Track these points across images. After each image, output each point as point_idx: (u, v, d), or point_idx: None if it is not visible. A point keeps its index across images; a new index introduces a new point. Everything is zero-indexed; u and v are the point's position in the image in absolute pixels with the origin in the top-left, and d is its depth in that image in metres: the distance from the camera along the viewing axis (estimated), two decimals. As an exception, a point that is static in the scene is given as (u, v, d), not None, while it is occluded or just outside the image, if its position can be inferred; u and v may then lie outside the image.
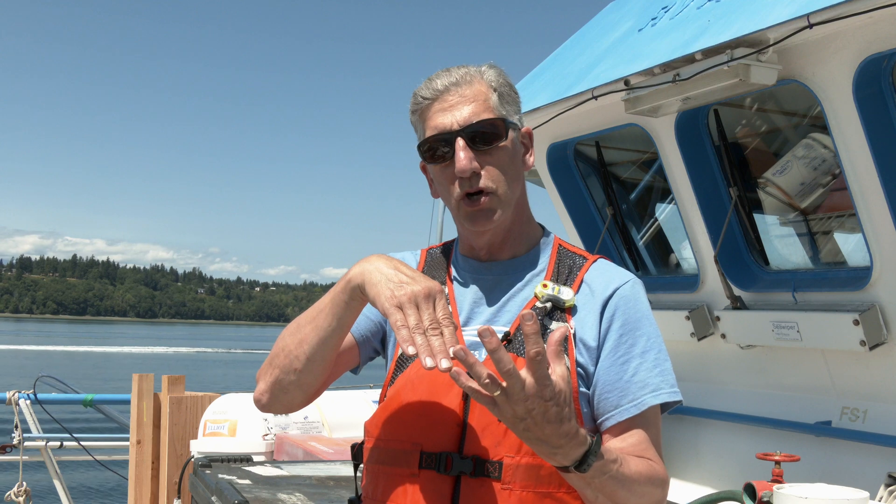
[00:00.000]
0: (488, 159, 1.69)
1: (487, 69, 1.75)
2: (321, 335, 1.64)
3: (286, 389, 1.72)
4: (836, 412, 3.85)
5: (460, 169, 1.66)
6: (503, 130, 1.71)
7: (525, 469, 1.57)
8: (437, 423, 1.62)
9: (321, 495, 3.25)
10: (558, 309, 1.68)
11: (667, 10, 4.34)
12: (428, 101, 1.71)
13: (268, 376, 1.73)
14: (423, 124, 1.74)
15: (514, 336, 1.65)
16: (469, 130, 1.67)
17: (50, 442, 6.69)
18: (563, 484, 1.59)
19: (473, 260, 1.80)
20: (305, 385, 1.71)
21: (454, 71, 1.73)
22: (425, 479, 1.61)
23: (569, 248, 1.81)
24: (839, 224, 4.16)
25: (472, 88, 1.70)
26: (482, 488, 1.58)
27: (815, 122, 3.96)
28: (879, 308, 3.55)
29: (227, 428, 4.67)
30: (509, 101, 1.75)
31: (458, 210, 1.73)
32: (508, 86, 1.77)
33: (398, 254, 1.92)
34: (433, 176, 1.78)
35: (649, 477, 1.61)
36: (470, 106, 1.69)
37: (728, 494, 2.67)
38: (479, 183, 1.68)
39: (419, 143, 1.75)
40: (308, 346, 1.66)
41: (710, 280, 4.34)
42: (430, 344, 1.41)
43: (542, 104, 4.65)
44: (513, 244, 1.78)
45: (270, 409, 1.78)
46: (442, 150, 1.70)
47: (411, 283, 1.49)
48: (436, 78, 1.73)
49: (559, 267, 1.76)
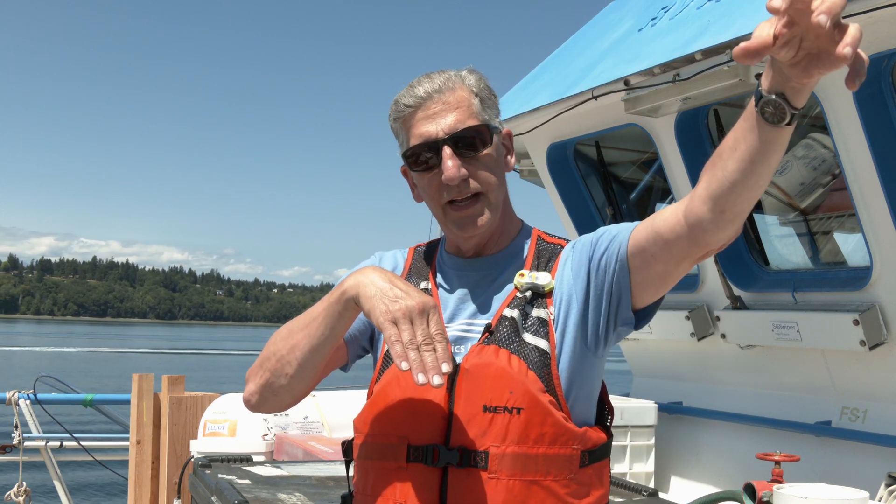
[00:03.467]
0: (475, 165, 1.71)
1: (468, 74, 1.76)
2: (313, 343, 1.67)
3: (276, 392, 1.75)
4: (836, 412, 3.85)
5: (449, 178, 1.68)
6: (488, 136, 1.73)
7: (511, 458, 1.59)
8: (423, 416, 1.64)
9: (321, 495, 3.25)
10: (539, 295, 1.71)
11: (667, 10, 4.34)
12: (410, 108, 1.72)
13: (258, 378, 1.76)
14: (406, 132, 1.75)
15: (496, 328, 1.68)
16: (455, 138, 1.69)
17: (50, 442, 6.68)
18: (550, 471, 1.61)
19: (457, 257, 1.83)
20: (295, 389, 1.75)
21: (435, 77, 1.73)
22: (413, 471, 1.63)
23: (547, 239, 1.84)
24: (839, 224, 4.16)
25: (454, 95, 1.71)
26: (469, 478, 1.60)
27: (815, 122, 3.96)
28: (879, 308, 3.55)
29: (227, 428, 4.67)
30: (489, 104, 1.77)
31: (444, 216, 1.75)
32: (488, 89, 1.78)
33: (388, 252, 1.95)
34: (417, 182, 1.80)
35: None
36: (454, 113, 1.70)
37: (728, 494, 2.67)
38: (467, 189, 1.70)
39: (404, 151, 1.76)
40: (300, 352, 1.68)
41: (710, 280, 4.34)
42: (423, 360, 1.46)
43: (542, 104, 4.65)
44: (497, 241, 1.81)
45: (259, 409, 1.82)
46: (426, 157, 1.71)
47: (406, 299, 1.52)
48: (417, 85, 1.73)
49: (538, 256, 1.79)
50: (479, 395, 1.62)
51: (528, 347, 1.65)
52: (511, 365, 1.63)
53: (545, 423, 1.60)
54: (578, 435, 1.64)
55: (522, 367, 1.63)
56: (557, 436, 1.61)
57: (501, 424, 1.60)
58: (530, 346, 1.65)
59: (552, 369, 1.64)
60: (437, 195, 1.73)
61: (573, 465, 1.63)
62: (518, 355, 1.64)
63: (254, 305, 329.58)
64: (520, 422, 1.59)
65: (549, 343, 1.66)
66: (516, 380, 1.61)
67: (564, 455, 1.62)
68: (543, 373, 1.63)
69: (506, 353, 1.64)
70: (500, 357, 1.64)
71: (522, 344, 1.66)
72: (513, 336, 1.66)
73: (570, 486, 1.63)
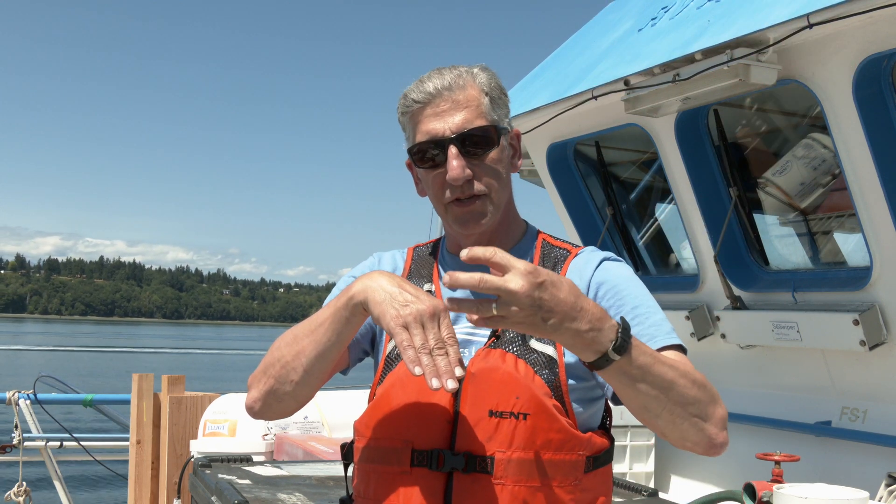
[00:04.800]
0: (480, 165, 1.69)
1: (480, 71, 1.73)
2: (320, 349, 1.63)
3: (280, 399, 1.71)
4: (836, 412, 3.85)
5: (453, 178, 1.67)
6: (495, 137, 1.71)
7: (517, 463, 1.57)
8: (428, 420, 1.62)
9: (321, 495, 3.25)
10: None
11: (667, 10, 4.34)
12: (419, 104, 1.70)
13: (262, 385, 1.72)
14: (414, 127, 1.73)
15: (502, 332, 1.66)
16: (462, 137, 1.67)
17: (50, 442, 6.68)
18: (555, 477, 1.59)
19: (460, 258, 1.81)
20: (300, 395, 1.71)
21: (446, 73, 1.71)
22: (417, 476, 1.61)
23: (553, 242, 1.82)
24: (839, 224, 4.16)
25: (464, 93, 1.69)
26: (475, 484, 1.58)
27: (814, 122, 3.96)
28: (879, 308, 3.55)
29: (226, 428, 4.67)
30: (500, 104, 1.75)
31: (446, 213, 1.74)
32: (499, 88, 1.76)
33: (386, 253, 1.92)
34: (422, 178, 1.78)
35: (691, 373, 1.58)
36: (462, 112, 1.68)
37: (728, 494, 2.67)
38: (471, 189, 1.69)
39: (410, 146, 1.74)
40: (305, 358, 1.64)
41: (710, 280, 4.34)
42: (437, 364, 1.43)
43: (542, 104, 4.65)
44: (500, 242, 1.78)
45: (263, 416, 1.78)
46: (432, 154, 1.70)
47: (416, 303, 1.48)
48: (427, 80, 1.71)
49: (543, 260, 1.77)
50: (485, 400, 1.60)
51: (534, 353, 1.63)
52: (518, 369, 1.61)
53: (551, 428, 1.59)
54: (584, 441, 1.63)
55: (529, 372, 1.61)
56: (563, 442, 1.60)
57: (507, 429, 1.58)
58: (537, 351, 1.64)
59: (560, 375, 1.62)
60: (441, 193, 1.71)
61: (578, 470, 1.62)
62: (524, 360, 1.62)
63: (260, 305, 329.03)
64: (526, 427, 1.57)
65: (556, 349, 1.64)
66: (523, 385, 1.59)
67: (570, 461, 1.61)
68: (550, 378, 1.62)
69: (512, 357, 1.62)
70: (507, 361, 1.62)
71: (529, 349, 1.64)
72: (519, 341, 1.64)
73: (576, 492, 1.61)
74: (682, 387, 1.50)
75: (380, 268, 1.88)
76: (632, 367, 1.46)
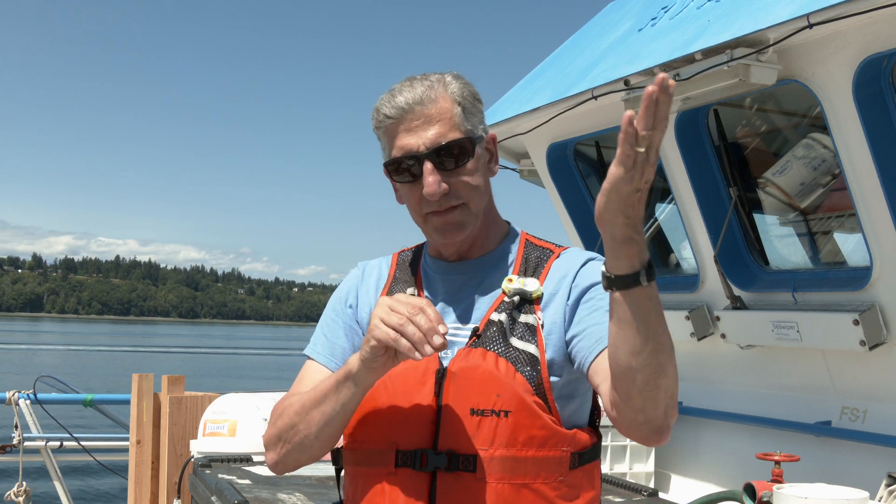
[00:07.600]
0: (456, 177, 1.69)
1: (452, 80, 1.71)
2: (326, 418, 1.65)
3: (299, 460, 1.74)
4: (835, 412, 3.85)
5: (430, 193, 1.66)
6: (470, 148, 1.70)
7: (500, 461, 1.58)
8: (411, 420, 1.63)
9: (321, 495, 3.26)
10: (526, 301, 1.69)
11: (667, 10, 4.34)
12: (391, 119, 1.69)
13: (279, 449, 1.73)
14: (388, 142, 1.72)
15: (483, 332, 1.67)
16: (436, 152, 1.66)
17: (50, 442, 6.67)
18: (539, 474, 1.60)
19: (441, 261, 1.81)
20: (318, 453, 1.73)
21: (417, 85, 1.69)
22: (402, 477, 1.62)
23: (535, 242, 1.82)
24: (839, 224, 4.16)
25: (436, 106, 1.67)
26: (458, 483, 1.59)
27: (814, 122, 3.96)
28: (879, 308, 3.54)
29: (227, 428, 4.67)
30: (473, 111, 1.73)
31: (426, 223, 1.74)
32: (472, 96, 1.74)
33: (372, 262, 1.92)
34: (399, 190, 1.77)
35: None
36: (435, 126, 1.66)
37: (728, 494, 2.68)
38: (448, 202, 1.68)
39: (385, 161, 1.73)
40: (316, 427, 1.66)
41: (710, 280, 4.34)
42: (420, 327, 1.46)
43: (542, 104, 4.65)
44: (481, 245, 1.79)
45: (285, 472, 1.80)
46: (407, 166, 1.69)
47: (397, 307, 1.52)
48: (398, 93, 1.69)
49: (526, 260, 1.77)
50: (466, 399, 1.61)
51: (515, 351, 1.64)
52: (498, 368, 1.62)
53: (533, 425, 1.59)
54: (568, 437, 1.63)
55: (510, 370, 1.62)
56: (546, 438, 1.60)
57: (489, 427, 1.59)
58: (519, 349, 1.64)
59: (542, 372, 1.63)
60: (418, 206, 1.72)
61: (563, 467, 1.62)
62: (505, 358, 1.63)
63: (275, 304, 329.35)
64: (508, 425, 1.58)
65: (538, 348, 1.65)
66: (503, 382, 1.60)
67: (554, 457, 1.61)
68: (532, 375, 1.62)
69: (493, 356, 1.63)
70: (488, 360, 1.63)
71: (510, 348, 1.64)
72: (500, 340, 1.65)
73: (561, 488, 1.62)
74: (669, 355, 1.45)
75: (364, 278, 1.89)
76: (648, 300, 1.41)
